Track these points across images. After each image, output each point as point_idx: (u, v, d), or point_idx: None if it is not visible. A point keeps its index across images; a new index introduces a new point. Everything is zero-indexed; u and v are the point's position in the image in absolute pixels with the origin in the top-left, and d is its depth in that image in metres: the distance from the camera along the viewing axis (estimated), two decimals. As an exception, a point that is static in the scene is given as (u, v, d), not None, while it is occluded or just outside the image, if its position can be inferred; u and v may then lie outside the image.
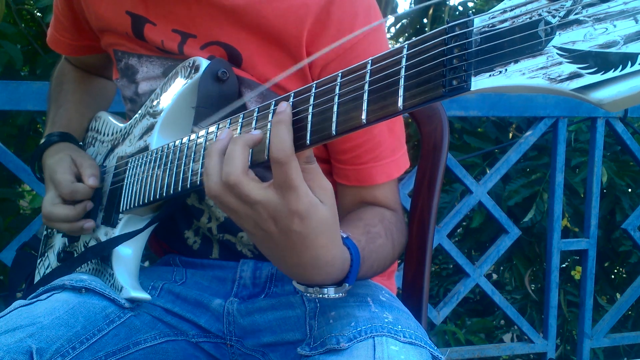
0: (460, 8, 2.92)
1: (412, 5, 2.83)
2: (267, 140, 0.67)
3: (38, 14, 2.40)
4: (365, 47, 0.89)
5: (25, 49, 2.33)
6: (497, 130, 2.62)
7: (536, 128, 2.03)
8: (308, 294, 0.75)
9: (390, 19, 2.87)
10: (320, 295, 0.75)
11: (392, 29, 2.95)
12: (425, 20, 2.77)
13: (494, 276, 3.12)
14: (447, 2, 2.75)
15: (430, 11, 2.69)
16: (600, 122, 2.07)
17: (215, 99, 0.87)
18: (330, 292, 0.75)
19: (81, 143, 1.14)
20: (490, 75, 0.49)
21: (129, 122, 1.03)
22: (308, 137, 0.63)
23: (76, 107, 1.17)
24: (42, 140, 1.09)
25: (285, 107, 0.64)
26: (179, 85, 0.92)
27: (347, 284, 0.75)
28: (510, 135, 2.69)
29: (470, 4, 3.00)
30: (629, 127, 2.14)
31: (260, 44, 0.91)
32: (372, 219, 0.91)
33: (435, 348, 0.81)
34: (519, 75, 0.48)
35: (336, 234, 0.70)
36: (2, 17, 1.98)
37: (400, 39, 2.99)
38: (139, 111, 1.00)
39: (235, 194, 0.66)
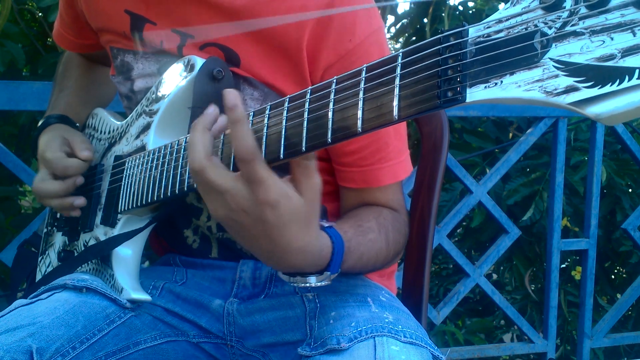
0: (461, 8, 2.92)
1: (412, 5, 2.83)
2: (264, 139, 0.67)
3: (39, 13, 2.40)
4: (366, 48, 0.89)
5: (26, 49, 2.33)
6: (497, 130, 2.63)
7: (536, 128, 2.03)
8: (292, 283, 0.75)
9: (390, 18, 2.87)
10: (303, 285, 0.75)
11: (392, 29, 2.95)
12: (425, 20, 2.77)
13: (494, 276, 3.12)
14: (447, 2, 2.74)
15: (430, 10, 2.69)
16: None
17: (211, 99, 0.86)
18: (312, 280, 0.74)
19: (78, 125, 1.14)
20: (485, 87, 0.49)
21: (125, 120, 1.03)
22: (303, 144, 0.63)
23: (77, 92, 1.18)
24: (40, 122, 1.10)
25: (234, 103, 0.62)
26: (174, 84, 0.92)
27: (328, 272, 0.74)
28: (510, 135, 2.69)
29: (471, 4, 2.99)
30: (629, 127, 2.15)
31: (258, 46, 0.91)
32: (367, 215, 0.91)
33: (436, 348, 0.81)
34: (515, 87, 0.47)
35: (310, 223, 0.68)
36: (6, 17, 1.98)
37: (401, 39, 2.98)
38: (136, 109, 1.00)
39: (203, 181, 0.65)
